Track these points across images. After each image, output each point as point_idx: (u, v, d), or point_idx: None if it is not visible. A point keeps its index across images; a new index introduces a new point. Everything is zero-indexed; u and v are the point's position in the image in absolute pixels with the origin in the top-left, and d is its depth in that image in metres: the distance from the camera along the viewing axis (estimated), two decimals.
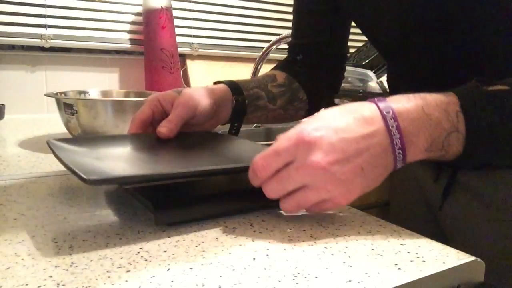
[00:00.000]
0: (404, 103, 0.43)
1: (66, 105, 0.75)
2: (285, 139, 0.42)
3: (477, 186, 0.69)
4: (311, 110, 0.87)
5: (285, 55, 1.59)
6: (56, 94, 0.81)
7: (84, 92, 0.89)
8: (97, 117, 0.73)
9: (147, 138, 0.63)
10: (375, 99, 0.44)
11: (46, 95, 0.79)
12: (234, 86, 0.73)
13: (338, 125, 0.42)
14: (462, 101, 0.43)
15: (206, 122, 0.69)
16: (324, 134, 0.41)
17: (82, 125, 0.75)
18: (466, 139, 0.43)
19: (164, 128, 0.60)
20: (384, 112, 0.42)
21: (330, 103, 0.92)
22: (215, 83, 0.75)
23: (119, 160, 0.52)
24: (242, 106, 0.72)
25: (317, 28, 0.85)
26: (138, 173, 0.44)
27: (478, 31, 0.59)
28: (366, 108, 0.43)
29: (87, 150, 0.55)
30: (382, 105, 0.43)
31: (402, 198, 0.90)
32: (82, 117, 0.74)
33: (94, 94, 0.90)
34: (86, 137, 0.59)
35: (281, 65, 0.87)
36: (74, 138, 0.58)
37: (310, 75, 0.84)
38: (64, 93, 0.85)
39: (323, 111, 0.45)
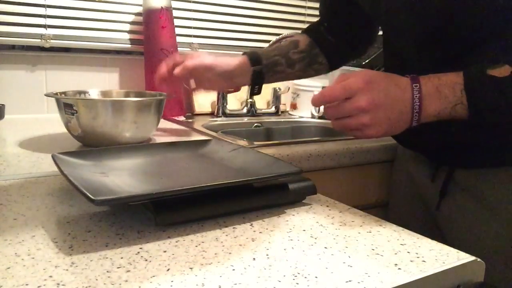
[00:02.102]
0: (426, 81, 0.59)
1: (66, 105, 0.75)
2: (352, 81, 0.58)
3: (473, 186, 0.69)
4: (332, 69, 0.96)
5: None
6: (56, 94, 0.81)
7: (84, 92, 0.88)
8: (97, 117, 0.73)
9: (150, 149, 0.64)
10: (410, 76, 0.60)
11: (46, 95, 0.78)
12: (254, 57, 0.88)
13: (386, 83, 0.59)
14: (465, 82, 0.57)
15: (222, 82, 0.87)
16: (376, 87, 0.58)
17: (82, 125, 0.74)
18: (469, 108, 0.57)
19: (176, 70, 0.83)
20: (413, 85, 0.59)
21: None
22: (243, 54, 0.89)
23: (125, 174, 0.52)
24: (260, 73, 0.87)
25: (345, 9, 0.90)
26: (144, 191, 0.44)
27: (480, 36, 0.60)
28: (402, 79, 0.60)
29: (92, 164, 0.55)
30: (412, 80, 0.59)
31: (400, 198, 0.91)
32: (82, 117, 0.74)
33: (94, 94, 0.90)
34: (90, 149, 0.60)
35: (309, 29, 0.96)
36: (78, 151, 0.58)
37: (333, 41, 0.92)
38: (64, 93, 0.84)
39: (371, 72, 0.60)
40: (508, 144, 0.66)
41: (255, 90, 0.91)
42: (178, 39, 1.29)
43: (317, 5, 1.56)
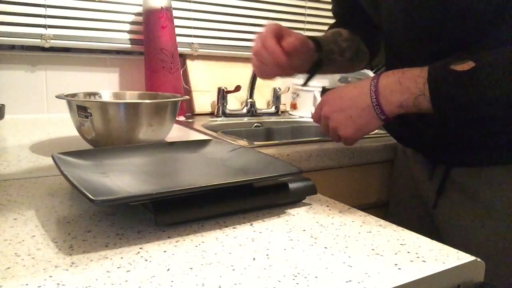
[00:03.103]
0: (388, 75, 0.63)
1: (79, 108, 0.71)
2: (321, 100, 0.71)
3: (469, 185, 0.70)
4: (371, 60, 0.94)
5: None
6: (67, 96, 0.77)
7: (95, 94, 0.85)
8: (112, 120, 0.71)
9: (150, 149, 0.64)
10: (374, 75, 0.65)
11: (57, 97, 0.75)
12: (317, 43, 0.81)
13: (342, 90, 0.68)
14: (428, 75, 0.60)
15: (293, 68, 0.78)
16: (332, 96, 0.69)
17: (96, 128, 0.71)
18: (431, 100, 0.59)
19: (289, 42, 0.71)
20: (371, 82, 0.64)
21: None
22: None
23: (125, 174, 0.52)
24: (320, 60, 0.83)
25: (357, 8, 0.87)
26: (144, 191, 0.44)
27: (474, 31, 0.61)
28: (364, 80, 0.66)
29: (92, 164, 0.55)
30: (373, 78, 0.64)
31: (400, 197, 0.91)
32: (96, 120, 0.71)
33: (106, 95, 0.87)
34: (90, 149, 0.59)
35: (336, 25, 0.93)
36: (78, 151, 0.58)
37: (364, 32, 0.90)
38: (75, 94, 0.81)
39: (336, 88, 0.69)
40: (503, 143, 0.66)
41: (308, 80, 0.86)
42: (178, 39, 1.29)
43: (317, 5, 1.57)
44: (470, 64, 0.57)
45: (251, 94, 1.36)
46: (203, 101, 1.37)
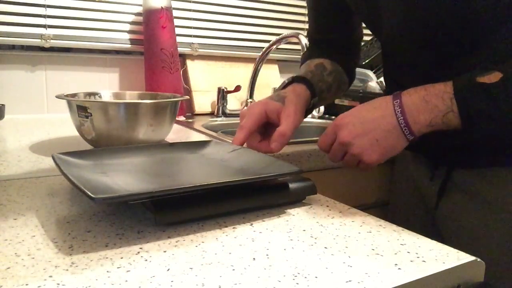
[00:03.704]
0: (411, 93, 0.60)
1: (79, 108, 0.71)
2: (329, 126, 0.64)
3: (471, 185, 0.70)
4: (347, 89, 0.91)
5: (285, 55, 1.59)
6: (67, 96, 0.77)
7: (95, 94, 0.85)
8: (112, 120, 0.71)
9: (150, 149, 0.64)
10: (393, 94, 0.61)
11: (57, 97, 0.75)
12: (312, 89, 0.77)
13: (360, 112, 0.62)
14: (455, 90, 0.57)
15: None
16: (349, 120, 0.62)
17: (96, 128, 0.71)
18: (460, 116, 0.57)
19: (276, 144, 0.66)
20: (393, 101, 0.60)
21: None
22: (292, 78, 0.77)
23: (125, 174, 0.52)
24: (313, 105, 0.79)
25: (335, 25, 0.87)
26: (144, 190, 0.44)
27: (472, 28, 0.61)
28: (382, 100, 0.62)
29: (92, 164, 0.55)
30: (394, 97, 0.61)
31: (400, 198, 0.91)
32: (97, 120, 0.71)
33: (106, 95, 0.87)
34: (90, 149, 0.60)
35: (314, 51, 0.88)
36: (78, 151, 0.58)
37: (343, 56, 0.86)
38: (75, 94, 0.82)
39: (347, 111, 0.63)
40: (506, 145, 0.66)
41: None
42: (178, 39, 1.29)
43: None
44: (497, 75, 0.55)
45: (251, 94, 1.36)
46: (203, 101, 1.37)
